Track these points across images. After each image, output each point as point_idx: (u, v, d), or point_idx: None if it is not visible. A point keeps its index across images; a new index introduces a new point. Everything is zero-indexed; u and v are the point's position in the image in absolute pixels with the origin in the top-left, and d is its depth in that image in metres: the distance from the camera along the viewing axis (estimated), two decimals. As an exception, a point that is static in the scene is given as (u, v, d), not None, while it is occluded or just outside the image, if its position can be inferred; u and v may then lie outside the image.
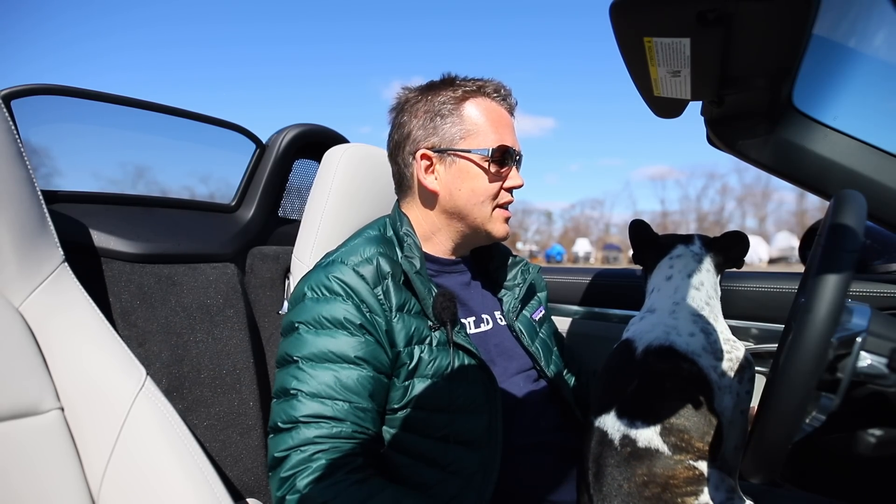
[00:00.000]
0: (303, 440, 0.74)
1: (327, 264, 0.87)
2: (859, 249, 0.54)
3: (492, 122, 0.93)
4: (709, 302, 0.89)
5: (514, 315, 1.01)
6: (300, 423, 0.75)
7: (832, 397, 0.58)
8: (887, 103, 0.94)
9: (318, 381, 0.76)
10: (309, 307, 0.83)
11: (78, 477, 0.67)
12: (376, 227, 0.97)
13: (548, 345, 1.05)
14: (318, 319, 0.81)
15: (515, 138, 0.96)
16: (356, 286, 0.83)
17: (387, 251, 0.89)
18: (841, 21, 0.78)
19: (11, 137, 0.74)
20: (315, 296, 0.83)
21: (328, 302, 0.82)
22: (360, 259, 0.86)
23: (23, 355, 0.69)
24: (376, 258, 0.87)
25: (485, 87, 0.94)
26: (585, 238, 54.18)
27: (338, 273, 0.84)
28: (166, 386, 1.04)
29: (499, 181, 0.93)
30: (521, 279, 1.05)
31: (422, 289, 0.86)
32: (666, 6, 0.60)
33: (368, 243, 0.90)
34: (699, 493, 0.76)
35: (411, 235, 0.92)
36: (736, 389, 0.82)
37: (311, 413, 0.75)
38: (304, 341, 0.80)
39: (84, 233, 1.02)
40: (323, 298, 0.83)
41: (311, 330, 0.81)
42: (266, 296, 1.30)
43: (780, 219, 61.38)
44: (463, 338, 0.86)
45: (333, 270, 0.84)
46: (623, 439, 0.79)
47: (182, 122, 1.24)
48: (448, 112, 0.92)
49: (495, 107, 0.94)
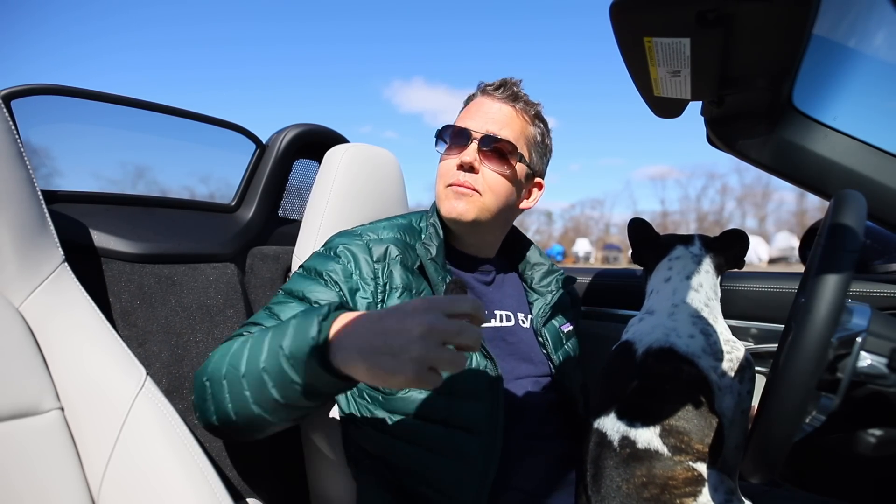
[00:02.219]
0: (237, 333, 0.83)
1: (347, 233, 0.96)
2: (859, 249, 0.54)
3: (465, 111, 1.00)
4: (708, 303, 0.89)
5: (542, 321, 1.02)
6: (245, 324, 0.86)
7: (832, 397, 0.58)
8: (887, 103, 0.94)
9: (279, 305, 0.86)
10: (314, 258, 0.94)
11: (78, 477, 0.67)
12: (410, 216, 1.03)
13: (571, 358, 1.05)
14: (311, 267, 0.91)
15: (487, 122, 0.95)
16: (357, 254, 0.90)
17: (406, 238, 0.95)
18: (841, 21, 0.78)
19: (11, 137, 0.74)
20: (324, 251, 0.94)
21: (328, 259, 0.91)
22: (375, 238, 0.93)
23: (23, 355, 0.69)
24: (390, 243, 0.92)
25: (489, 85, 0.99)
26: (585, 238, 54.20)
27: (348, 241, 0.92)
28: (166, 386, 1.04)
29: (448, 160, 0.97)
30: (555, 287, 1.07)
31: (434, 276, 0.89)
32: (666, 6, 0.60)
33: (390, 228, 0.96)
34: (698, 494, 0.76)
35: (436, 225, 0.96)
36: (737, 389, 0.82)
37: (257, 321, 0.84)
38: (294, 279, 0.91)
39: (84, 233, 1.02)
40: (326, 255, 0.92)
41: (304, 273, 0.91)
42: (266, 296, 1.30)
43: (780, 219, 61.45)
44: None
45: (346, 238, 0.93)
46: (622, 440, 0.79)
47: (182, 122, 1.24)
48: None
49: (482, 99, 0.99)
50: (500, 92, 0.97)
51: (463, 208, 0.93)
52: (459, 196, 0.94)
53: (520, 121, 0.97)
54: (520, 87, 0.99)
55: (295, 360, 0.63)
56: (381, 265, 0.90)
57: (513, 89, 0.98)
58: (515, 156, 0.95)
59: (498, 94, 0.97)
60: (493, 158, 0.94)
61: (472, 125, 0.95)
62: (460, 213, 0.94)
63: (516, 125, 0.97)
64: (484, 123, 0.95)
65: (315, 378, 0.63)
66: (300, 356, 0.63)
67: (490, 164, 0.94)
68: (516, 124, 0.97)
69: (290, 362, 0.64)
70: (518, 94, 0.98)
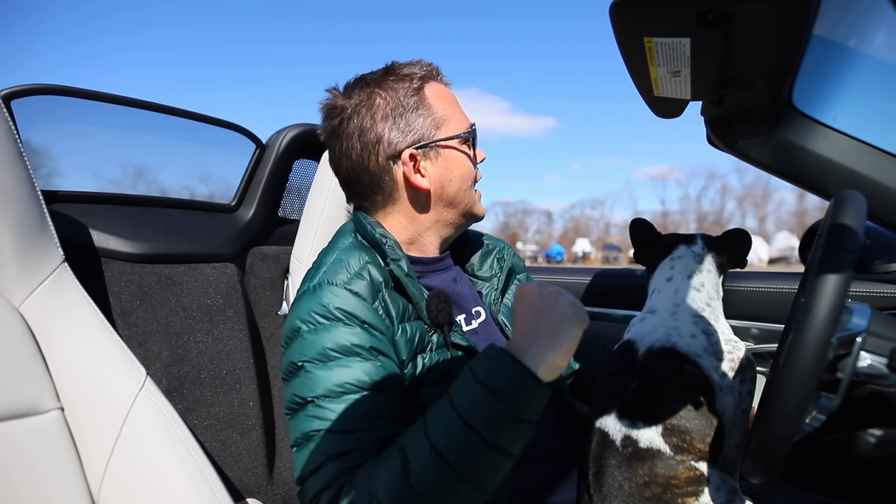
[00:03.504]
0: (331, 477, 0.65)
1: (315, 289, 0.78)
2: (859, 249, 0.54)
3: (452, 105, 0.91)
4: (709, 303, 0.89)
5: (497, 308, 0.97)
6: (328, 462, 0.66)
7: (832, 397, 0.58)
8: (887, 103, 0.94)
9: (340, 416, 0.68)
10: (309, 341, 0.73)
11: (78, 477, 0.67)
12: (345, 236, 0.89)
13: None
14: (323, 353, 0.72)
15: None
16: (354, 309, 0.75)
17: (371, 258, 0.82)
18: (841, 21, 0.78)
19: (11, 137, 0.74)
20: (312, 327, 0.74)
21: (328, 330, 0.73)
22: (350, 275, 0.78)
23: (23, 355, 0.69)
24: (366, 269, 0.80)
25: (432, 70, 0.91)
26: (585, 238, 54.23)
27: (329, 297, 0.75)
28: (166, 386, 1.05)
29: (473, 162, 0.93)
30: (499, 267, 1.00)
31: (415, 292, 0.81)
32: (666, 6, 0.60)
33: (351, 254, 0.82)
34: (700, 494, 0.76)
35: (388, 237, 0.84)
36: (738, 390, 0.82)
37: (337, 451, 0.67)
38: (315, 379, 0.71)
39: (84, 233, 1.02)
40: (322, 328, 0.74)
41: (320, 365, 0.72)
42: (266, 296, 1.30)
43: (780, 219, 61.46)
44: (460, 337, 0.85)
45: (324, 295, 0.76)
46: (624, 440, 0.79)
47: (182, 122, 1.24)
48: (414, 105, 0.86)
49: (444, 88, 0.92)
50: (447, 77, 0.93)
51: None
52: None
53: None
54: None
55: (519, 409, 0.60)
56: (377, 302, 0.78)
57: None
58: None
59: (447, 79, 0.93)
60: None
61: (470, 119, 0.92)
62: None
63: None
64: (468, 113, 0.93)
65: (536, 403, 0.61)
66: (522, 403, 0.60)
67: None
68: None
69: (513, 416, 0.60)
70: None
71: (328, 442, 0.67)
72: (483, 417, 0.59)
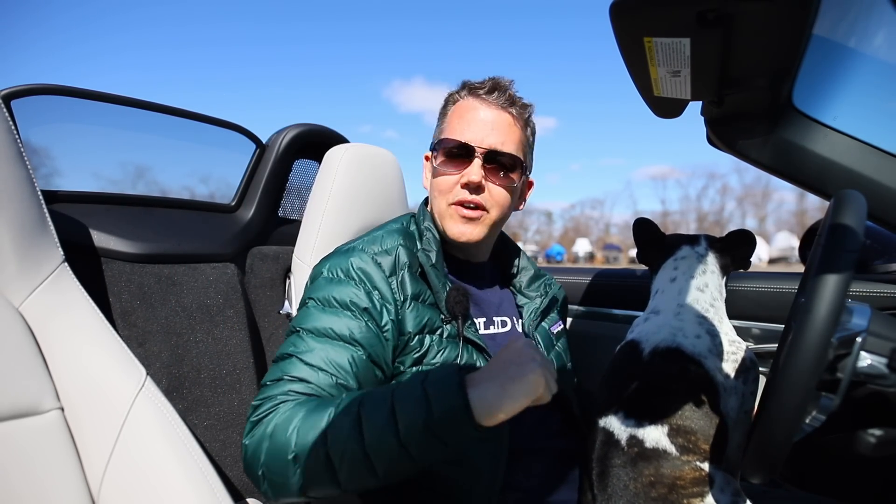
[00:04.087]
0: (279, 392, 0.75)
1: (348, 250, 0.90)
2: (859, 249, 0.54)
3: (458, 118, 0.92)
4: (713, 303, 0.89)
5: (533, 325, 1.01)
6: (284, 379, 0.76)
7: (832, 397, 0.58)
8: (887, 103, 0.94)
9: (313, 352, 0.78)
10: (322, 285, 0.86)
11: (78, 477, 0.67)
12: (400, 221, 0.99)
13: (562, 358, 1.05)
14: (327, 298, 0.84)
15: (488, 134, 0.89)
16: (371, 273, 0.85)
17: (407, 243, 0.92)
18: (841, 21, 0.78)
19: (11, 137, 0.74)
20: (330, 276, 0.87)
21: (340, 283, 0.85)
22: (380, 249, 0.89)
23: (23, 355, 0.69)
24: (396, 249, 0.89)
25: (480, 87, 0.92)
26: (585, 238, 54.20)
27: (356, 259, 0.87)
28: (166, 386, 1.05)
29: (448, 175, 0.91)
30: (543, 292, 1.06)
31: (436, 282, 0.87)
32: (666, 6, 0.59)
33: (390, 235, 0.92)
34: (705, 495, 0.76)
35: (431, 230, 0.93)
36: (741, 390, 0.82)
37: (297, 375, 0.76)
38: (310, 315, 0.83)
39: (84, 233, 1.02)
40: (337, 280, 0.86)
41: (320, 306, 0.84)
42: (266, 296, 1.30)
43: (780, 219, 61.48)
44: (473, 333, 0.87)
45: (352, 256, 0.87)
46: (630, 440, 0.79)
47: (182, 122, 1.24)
48: (442, 113, 0.97)
49: (475, 104, 0.91)
50: (494, 97, 0.91)
51: (472, 232, 0.91)
52: (468, 221, 0.90)
53: (517, 129, 0.93)
54: (513, 89, 0.94)
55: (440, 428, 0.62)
56: (394, 277, 0.87)
57: (508, 93, 0.92)
58: (519, 168, 0.92)
59: (492, 98, 0.91)
60: (498, 173, 0.90)
61: (472, 139, 0.89)
62: (469, 237, 0.91)
63: (515, 135, 0.92)
64: (484, 136, 0.89)
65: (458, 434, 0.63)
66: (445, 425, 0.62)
67: (495, 180, 0.90)
68: (515, 133, 0.92)
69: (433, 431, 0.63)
70: (514, 98, 0.93)
71: (294, 366, 0.77)
72: (407, 414, 0.63)
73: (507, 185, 0.92)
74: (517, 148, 0.92)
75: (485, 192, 0.90)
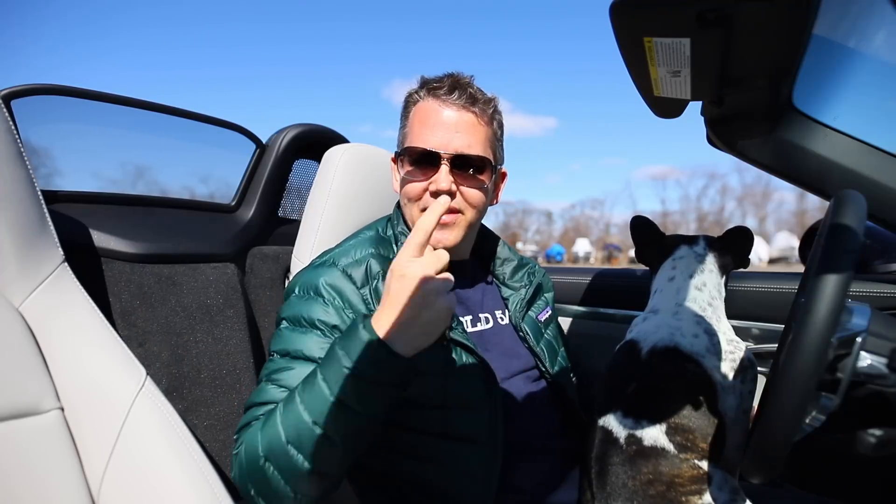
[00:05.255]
0: (251, 418, 0.77)
1: (319, 265, 0.89)
2: (859, 249, 0.54)
3: (420, 122, 0.89)
4: (711, 303, 0.89)
5: (520, 315, 1.00)
6: (254, 405, 0.78)
7: (832, 397, 0.58)
8: (887, 103, 0.94)
9: (285, 375, 0.79)
10: (294, 304, 0.86)
11: (78, 477, 0.67)
12: (375, 227, 0.98)
13: (553, 346, 1.04)
14: (297, 317, 0.84)
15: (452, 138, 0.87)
16: (342, 287, 0.85)
17: (382, 251, 0.91)
18: (841, 21, 0.78)
19: (11, 137, 0.74)
20: (301, 294, 0.87)
21: (309, 302, 0.85)
22: (351, 261, 0.89)
23: (23, 355, 0.69)
24: (367, 261, 0.88)
25: (439, 87, 0.89)
26: (585, 238, 54.19)
27: (326, 275, 0.86)
28: (166, 386, 1.04)
29: (416, 182, 0.89)
30: (528, 281, 1.05)
31: None
32: (666, 6, 0.59)
33: (363, 244, 0.92)
34: (703, 493, 0.76)
35: (406, 234, 0.91)
36: (739, 389, 0.82)
37: (266, 399, 0.78)
38: (281, 336, 0.84)
39: (84, 233, 1.02)
40: (307, 298, 0.86)
41: (290, 326, 0.84)
42: (266, 296, 1.30)
43: (780, 219, 61.52)
44: (460, 334, 0.86)
45: (323, 272, 0.87)
46: (628, 438, 0.80)
47: (182, 122, 1.24)
48: (404, 115, 0.95)
49: (435, 106, 0.88)
50: (455, 97, 0.88)
51: (448, 237, 0.89)
52: (442, 227, 0.88)
53: (482, 126, 0.90)
54: (473, 86, 0.90)
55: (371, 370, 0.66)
56: (366, 288, 0.86)
57: (468, 91, 0.89)
58: (489, 168, 0.90)
59: (453, 99, 0.88)
60: (467, 176, 0.88)
61: (436, 144, 0.86)
62: (446, 243, 0.89)
63: (481, 133, 0.89)
64: (449, 140, 0.87)
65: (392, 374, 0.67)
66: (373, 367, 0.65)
67: (465, 183, 0.88)
68: (481, 132, 0.89)
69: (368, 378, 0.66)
70: (475, 95, 0.89)
71: (263, 390, 0.79)
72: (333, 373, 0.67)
73: (479, 186, 0.90)
74: (484, 147, 0.90)
75: (457, 196, 0.89)
